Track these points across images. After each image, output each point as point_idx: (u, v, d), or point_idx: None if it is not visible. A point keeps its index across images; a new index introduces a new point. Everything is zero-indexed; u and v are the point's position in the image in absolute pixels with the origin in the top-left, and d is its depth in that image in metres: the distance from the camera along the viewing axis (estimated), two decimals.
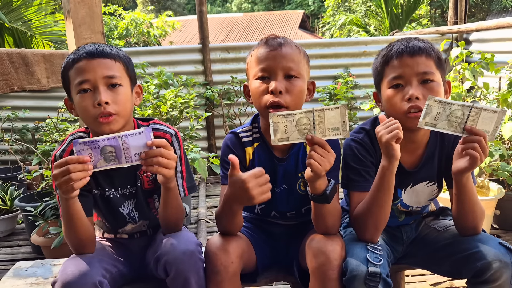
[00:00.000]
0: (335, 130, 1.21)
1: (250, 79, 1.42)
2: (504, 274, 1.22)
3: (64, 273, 1.21)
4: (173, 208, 1.34)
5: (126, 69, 1.38)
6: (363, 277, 1.19)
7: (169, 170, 1.21)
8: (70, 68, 1.32)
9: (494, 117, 1.20)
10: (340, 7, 14.07)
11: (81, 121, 2.27)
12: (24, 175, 2.92)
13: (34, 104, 4.54)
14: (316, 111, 1.21)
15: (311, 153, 1.19)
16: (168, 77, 3.72)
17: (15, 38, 5.66)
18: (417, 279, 2.30)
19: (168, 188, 1.29)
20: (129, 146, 1.18)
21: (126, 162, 1.19)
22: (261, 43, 1.40)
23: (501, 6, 14.21)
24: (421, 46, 1.33)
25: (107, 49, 1.34)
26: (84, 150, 1.16)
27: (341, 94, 4.58)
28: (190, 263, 1.24)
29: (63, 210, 1.26)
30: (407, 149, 1.39)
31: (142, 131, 1.18)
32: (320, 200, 1.26)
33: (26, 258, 2.75)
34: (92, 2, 2.08)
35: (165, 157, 1.19)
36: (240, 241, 1.36)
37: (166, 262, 1.24)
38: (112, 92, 1.31)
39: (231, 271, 1.27)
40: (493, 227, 2.89)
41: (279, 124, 1.22)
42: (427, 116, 1.23)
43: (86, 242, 1.32)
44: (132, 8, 17.20)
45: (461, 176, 1.26)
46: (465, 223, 1.35)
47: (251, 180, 1.18)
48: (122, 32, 8.54)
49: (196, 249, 1.27)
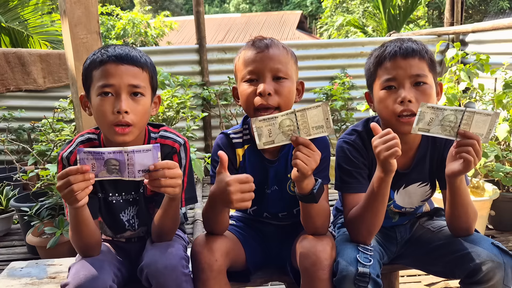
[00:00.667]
0: (319, 128, 1.22)
1: (239, 81, 1.41)
2: (497, 274, 1.22)
3: (77, 276, 1.20)
4: (170, 219, 1.33)
5: (151, 79, 1.36)
6: (352, 278, 1.20)
7: (174, 189, 1.18)
8: (95, 68, 1.28)
9: (488, 120, 1.20)
10: (338, 8, 14.08)
11: (77, 121, 2.27)
12: (19, 175, 2.92)
13: (30, 104, 4.53)
14: (298, 111, 1.21)
15: (296, 153, 1.19)
16: (165, 78, 3.72)
17: (11, 38, 5.65)
18: (412, 280, 2.31)
19: (172, 199, 1.27)
20: (134, 162, 1.14)
21: (128, 177, 1.16)
22: (248, 45, 1.39)
23: (498, 8, 14.28)
24: (414, 48, 1.33)
25: (136, 56, 1.30)
26: (87, 159, 1.13)
27: (337, 94, 4.59)
28: (171, 278, 1.22)
29: (71, 217, 1.24)
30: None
31: (149, 148, 1.14)
32: (308, 200, 1.27)
33: (21, 258, 2.74)
34: (88, 2, 2.07)
35: (169, 177, 1.16)
36: (225, 239, 1.36)
37: (148, 274, 1.23)
38: (134, 101, 1.28)
39: (215, 269, 1.28)
40: (488, 228, 2.90)
41: (263, 128, 1.22)
42: (420, 122, 1.23)
43: (92, 245, 1.32)
44: (130, 8, 17.17)
45: (455, 178, 1.27)
46: (458, 224, 1.36)
47: (234, 184, 1.17)
48: (120, 32, 8.52)
49: (179, 263, 1.25)
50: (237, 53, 1.44)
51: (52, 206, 2.57)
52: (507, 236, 2.77)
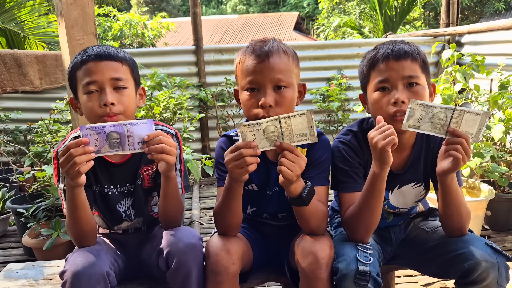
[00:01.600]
0: (303, 135, 1.22)
1: (239, 88, 1.41)
2: (491, 274, 1.23)
3: (74, 263, 1.23)
4: (173, 199, 1.37)
5: (132, 71, 1.44)
6: (353, 276, 1.21)
7: (172, 157, 1.25)
8: (78, 68, 1.37)
9: (478, 119, 1.21)
10: (334, 9, 14.13)
11: (73, 122, 2.27)
12: (16, 176, 2.91)
13: (27, 105, 4.52)
14: (282, 118, 1.21)
15: (281, 159, 1.20)
16: (161, 79, 3.72)
17: (8, 39, 5.64)
18: (409, 280, 2.31)
19: (169, 177, 1.32)
20: (133, 134, 1.23)
21: (129, 149, 1.24)
22: (248, 51, 1.36)
23: (494, 9, 14.35)
24: (406, 50, 1.34)
25: (114, 52, 1.40)
26: (90, 135, 1.21)
27: (334, 96, 4.60)
28: (192, 256, 1.27)
29: (69, 201, 1.28)
30: (393, 151, 1.40)
31: (145, 122, 1.24)
32: (297, 203, 1.27)
33: (17, 260, 2.73)
34: (84, 3, 2.08)
35: (167, 144, 1.23)
36: (241, 242, 1.37)
37: (169, 254, 1.27)
38: (118, 93, 1.37)
39: (232, 272, 1.28)
40: (484, 228, 2.91)
41: (247, 133, 1.23)
42: (410, 118, 1.25)
43: (88, 233, 1.35)
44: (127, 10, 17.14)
45: (445, 177, 1.28)
46: (451, 224, 1.36)
47: (227, 154, 1.22)
48: (116, 34, 8.52)
49: (198, 242, 1.31)
50: (237, 54, 1.42)
51: (49, 208, 2.57)
52: (503, 236, 2.78)
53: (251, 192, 1.50)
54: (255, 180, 1.49)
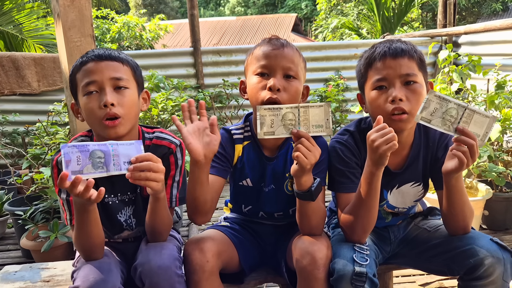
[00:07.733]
0: (319, 127, 1.25)
1: (249, 75, 1.45)
2: (497, 269, 1.24)
3: (86, 279, 1.19)
4: (160, 218, 1.33)
5: (134, 73, 1.38)
6: (349, 277, 1.21)
7: (157, 183, 1.18)
8: (78, 71, 1.32)
9: (486, 122, 1.22)
10: (332, 10, 14.15)
11: (71, 124, 2.27)
12: (14, 179, 2.90)
13: (25, 108, 4.51)
14: (301, 107, 1.24)
15: (297, 146, 1.21)
16: (159, 80, 3.72)
17: (6, 42, 5.64)
18: (407, 280, 2.32)
19: (156, 198, 1.27)
20: (119, 153, 1.15)
21: (115, 170, 1.15)
22: (264, 42, 1.44)
23: (491, 10, 14.40)
24: (403, 48, 1.34)
25: (115, 53, 1.35)
26: (72, 153, 1.12)
27: (332, 96, 4.61)
28: (164, 278, 1.22)
29: (80, 216, 1.23)
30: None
31: (133, 142, 1.17)
32: (306, 197, 1.28)
33: (15, 262, 2.72)
34: (82, 5, 2.07)
35: (153, 171, 1.16)
36: (217, 241, 1.37)
37: (142, 273, 1.23)
38: (119, 94, 1.30)
39: (207, 270, 1.28)
40: (481, 228, 2.91)
41: (266, 117, 1.25)
42: (425, 110, 1.24)
43: (98, 247, 1.31)
44: (125, 12, 17.14)
45: (450, 177, 1.28)
46: (455, 223, 1.36)
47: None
48: (115, 36, 8.52)
49: (172, 263, 1.25)
50: (251, 50, 1.48)
51: (47, 210, 2.57)
52: (500, 235, 2.79)
53: (246, 189, 1.51)
54: (250, 176, 1.49)
